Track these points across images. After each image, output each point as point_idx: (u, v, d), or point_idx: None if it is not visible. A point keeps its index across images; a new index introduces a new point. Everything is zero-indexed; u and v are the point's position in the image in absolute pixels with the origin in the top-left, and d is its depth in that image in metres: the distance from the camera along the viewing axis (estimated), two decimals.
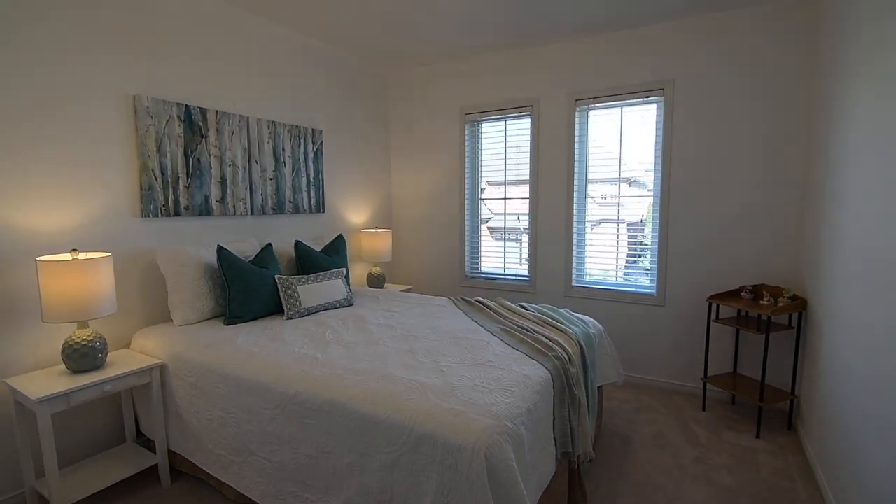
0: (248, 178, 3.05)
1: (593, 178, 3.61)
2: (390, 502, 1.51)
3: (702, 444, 2.65)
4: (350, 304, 2.97)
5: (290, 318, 2.64)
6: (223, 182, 2.89)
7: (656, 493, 2.21)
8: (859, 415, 1.79)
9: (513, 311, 2.68)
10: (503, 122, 3.92)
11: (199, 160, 2.75)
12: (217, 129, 2.84)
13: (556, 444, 1.80)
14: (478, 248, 4.19)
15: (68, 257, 2.04)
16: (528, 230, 3.84)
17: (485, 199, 4.15)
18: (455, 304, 2.94)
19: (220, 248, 2.56)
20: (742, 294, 2.98)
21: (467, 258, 4.17)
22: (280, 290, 2.70)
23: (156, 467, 2.32)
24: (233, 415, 1.95)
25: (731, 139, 3.06)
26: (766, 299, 2.84)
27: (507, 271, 4.06)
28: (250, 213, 3.08)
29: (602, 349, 2.53)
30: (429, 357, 1.98)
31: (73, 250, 2.03)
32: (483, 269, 4.18)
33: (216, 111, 2.83)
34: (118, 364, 2.16)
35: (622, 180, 3.50)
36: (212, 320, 2.59)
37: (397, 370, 1.82)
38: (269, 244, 2.87)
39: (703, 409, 3.09)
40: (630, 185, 3.51)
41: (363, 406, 1.59)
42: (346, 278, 3.12)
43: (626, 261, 3.62)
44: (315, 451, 1.68)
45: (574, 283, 3.69)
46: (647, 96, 3.29)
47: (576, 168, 3.59)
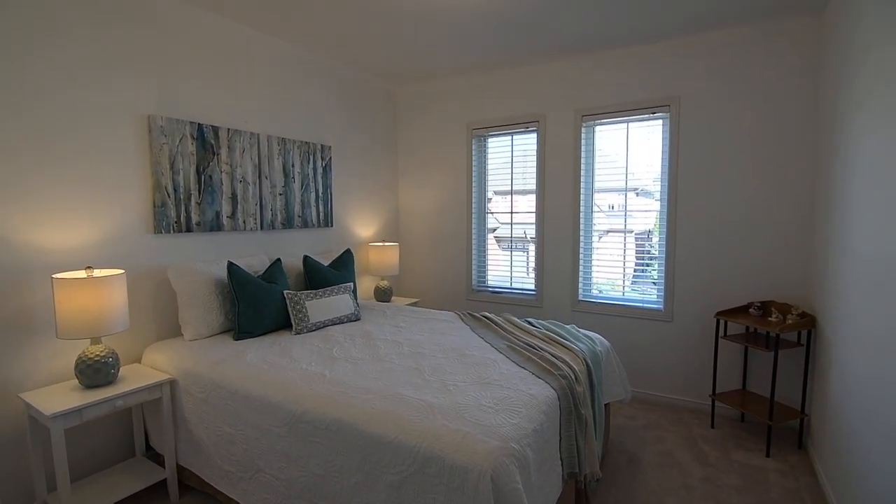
0: (258, 194, 3.10)
1: (600, 187, 3.63)
2: None
3: (710, 464, 2.62)
4: (357, 319, 2.99)
5: (299, 332, 2.67)
6: (234, 198, 2.94)
7: None
8: (871, 435, 1.78)
9: (519, 328, 2.69)
10: (510, 137, 3.96)
11: (210, 177, 2.80)
12: (229, 147, 2.90)
13: (562, 464, 1.79)
14: (484, 262, 4.20)
15: (83, 274, 2.08)
16: (535, 241, 3.86)
17: (491, 212, 4.17)
18: (462, 319, 2.95)
19: (230, 264, 2.60)
20: (750, 310, 2.97)
21: (474, 272, 4.19)
22: (288, 305, 2.73)
23: (164, 482, 2.34)
24: (241, 431, 1.97)
25: (738, 155, 3.07)
26: (774, 316, 2.83)
27: (514, 285, 4.07)
28: (260, 228, 3.13)
29: (609, 366, 2.53)
30: (435, 375, 2.00)
31: (88, 267, 2.07)
32: (490, 282, 4.20)
33: (228, 129, 2.89)
34: (130, 379, 2.19)
35: (629, 190, 3.51)
36: (222, 335, 2.62)
37: (404, 389, 1.83)
38: (279, 259, 2.91)
39: (712, 426, 3.06)
40: (637, 194, 3.52)
41: (371, 426, 1.60)
42: (354, 293, 3.15)
43: (634, 271, 3.62)
44: (323, 470, 1.70)
45: (581, 297, 3.69)
46: (654, 112, 3.31)
47: (582, 182, 3.61)
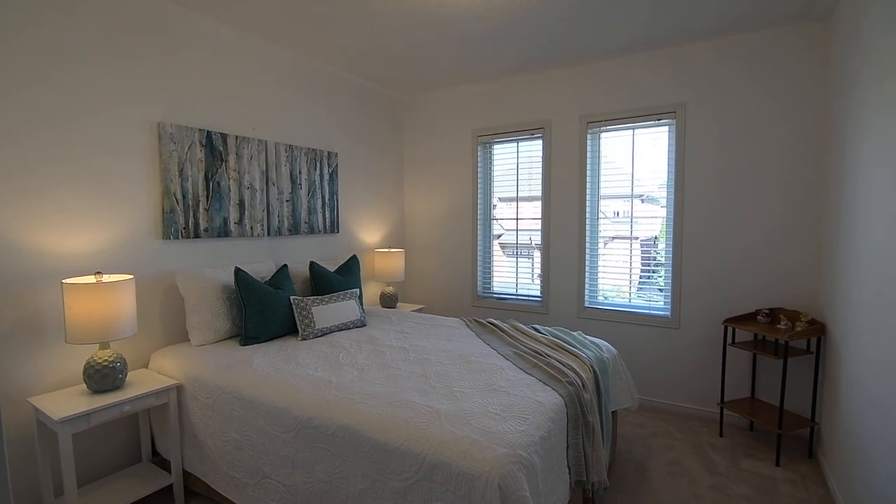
0: (265, 201, 3.12)
1: (605, 194, 3.63)
2: None
3: (719, 473, 2.59)
4: (363, 325, 3.00)
5: (305, 338, 2.67)
6: (241, 204, 2.96)
7: None
8: (882, 445, 1.75)
9: (525, 334, 2.68)
10: (515, 144, 3.97)
11: (218, 183, 2.82)
12: (237, 154, 2.93)
13: (570, 472, 1.78)
14: (490, 268, 4.20)
15: (92, 280, 2.10)
16: (541, 248, 3.85)
17: (497, 218, 4.17)
18: (467, 326, 2.95)
19: (238, 270, 2.61)
20: (758, 318, 2.94)
21: (479, 278, 4.19)
22: (295, 311, 2.74)
23: (171, 487, 2.34)
24: (248, 437, 1.97)
25: (745, 161, 3.06)
26: (783, 323, 2.80)
27: (520, 291, 4.06)
28: (267, 234, 3.14)
29: (616, 373, 2.52)
30: (442, 381, 1.99)
31: (98, 273, 2.09)
32: (495, 288, 4.19)
33: (236, 136, 2.91)
34: (137, 384, 2.20)
35: (634, 196, 3.50)
36: (228, 340, 2.63)
37: (411, 395, 1.83)
38: (285, 265, 2.93)
39: (721, 434, 3.03)
40: (643, 201, 3.51)
41: (377, 433, 1.60)
42: (360, 299, 3.15)
43: (640, 278, 3.60)
44: (329, 476, 1.69)
45: (587, 304, 3.68)
46: (659, 119, 3.31)
47: (588, 188, 3.61)
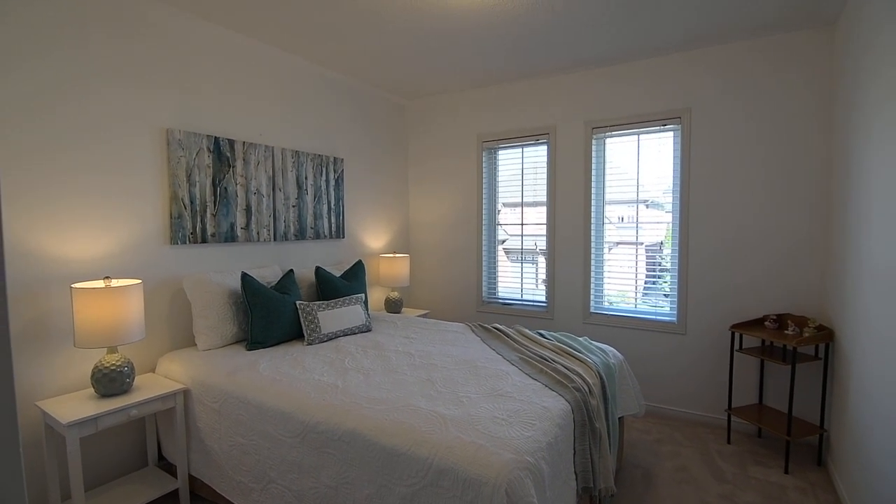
0: (271, 206, 3.14)
1: (610, 198, 3.63)
2: None
3: (727, 480, 2.57)
4: (369, 330, 3.00)
5: (311, 343, 2.68)
6: (248, 210, 2.98)
7: None
8: (892, 451, 1.73)
9: (531, 339, 2.67)
10: (520, 150, 3.98)
11: (226, 189, 2.85)
12: (244, 160, 2.95)
13: (577, 479, 1.77)
14: (495, 273, 4.20)
15: (101, 284, 2.12)
16: (546, 254, 3.85)
17: (501, 223, 4.18)
18: (472, 331, 2.94)
19: (244, 275, 2.63)
20: (766, 323, 2.92)
21: (484, 283, 4.18)
22: (301, 316, 2.75)
23: (177, 492, 2.34)
24: (254, 442, 1.97)
25: (751, 167, 3.05)
26: (790, 329, 2.79)
27: (525, 297, 4.06)
28: (273, 239, 3.16)
29: (622, 379, 2.50)
30: (447, 387, 1.99)
31: (107, 278, 2.11)
32: (500, 294, 4.19)
33: (243, 142, 2.94)
34: (144, 389, 2.21)
35: (640, 202, 3.50)
36: (235, 345, 2.64)
37: (417, 400, 1.83)
38: (291, 270, 2.94)
39: (728, 441, 3.00)
40: (647, 206, 3.51)
41: (383, 438, 1.60)
42: (365, 304, 3.16)
43: (646, 284, 3.59)
44: (335, 482, 1.69)
45: (593, 309, 3.67)
46: (664, 125, 3.32)
47: (593, 194, 3.61)
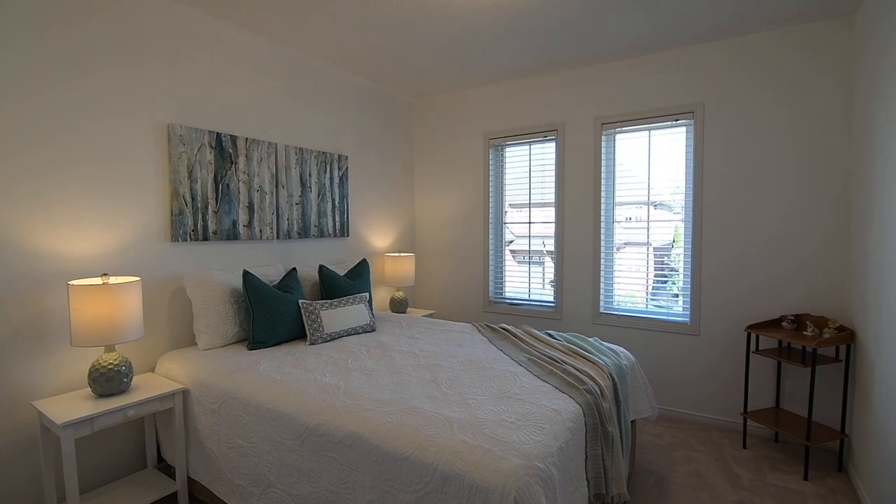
0: (275, 204, 3.09)
1: (620, 195, 3.54)
2: None
3: (744, 487, 2.47)
4: (373, 330, 2.93)
5: (314, 343, 2.62)
6: (251, 207, 2.93)
7: None
8: None
9: (539, 340, 2.59)
10: (528, 147, 3.90)
11: (228, 186, 2.80)
12: (246, 156, 2.90)
13: (588, 485, 1.69)
14: (502, 273, 4.12)
15: (99, 281, 2.07)
16: (554, 255, 3.77)
17: (508, 223, 4.10)
18: (479, 331, 2.87)
19: (246, 273, 2.57)
20: (783, 324, 2.82)
21: (491, 283, 4.11)
22: (304, 315, 2.69)
23: (175, 495, 2.28)
24: (253, 444, 1.91)
25: (766, 162, 2.95)
26: (809, 330, 2.69)
27: (532, 296, 3.97)
28: (276, 237, 3.11)
29: (635, 381, 2.42)
30: (453, 388, 1.92)
31: (104, 275, 2.06)
32: (507, 294, 4.11)
33: (246, 138, 2.89)
34: (142, 388, 2.16)
35: (651, 202, 3.41)
36: (236, 345, 2.59)
37: (421, 402, 1.76)
38: (294, 269, 2.88)
39: (744, 446, 2.90)
40: (655, 207, 3.43)
41: (386, 441, 1.53)
42: (369, 303, 3.09)
43: (654, 284, 3.50)
44: (336, 487, 1.62)
45: (602, 309, 3.58)
46: (676, 119, 3.23)
47: (602, 190, 3.52)
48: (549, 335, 2.70)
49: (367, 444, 1.56)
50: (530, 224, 3.94)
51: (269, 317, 2.57)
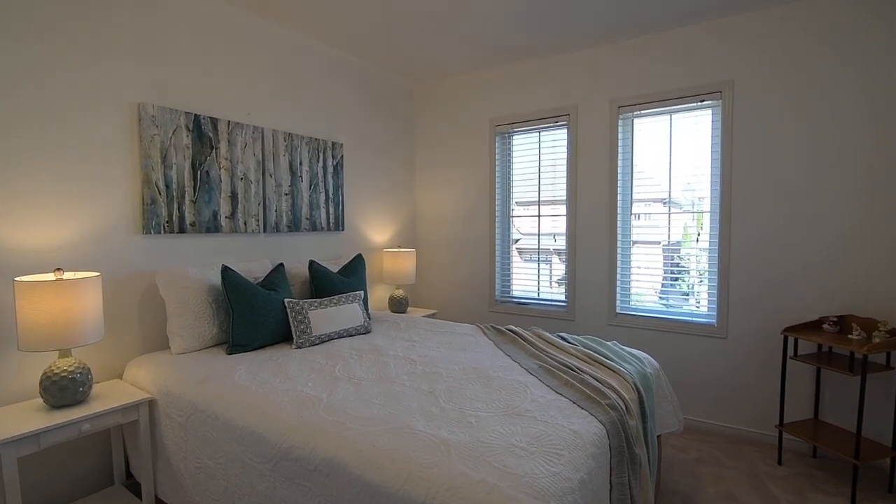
0: (261, 193, 2.83)
1: (638, 187, 3.26)
2: None
3: None
4: (367, 332, 2.67)
5: (300, 346, 2.36)
6: (234, 197, 2.68)
7: None
8: None
9: (552, 344, 2.32)
10: (537, 134, 3.61)
11: (208, 173, 2.54)
12: (229, 141, 2.64)
13: None
14: (509, 270, 3.84)
15: (52, 277, 1.82)
16: (566, 251, 3.48)
17: (515, 218, 3.81)
18: (484, 334, 2.60)
19: (225, 269, 2.32)
20: (824, 326, 2.52)
21: (497, 281, 3.83)
22: (289, 315, 2.43)
23: None
24: (222, 465, 1.65)
25: (809, 147, 2.64)
26: (856, 333, 2.39)
27: (542, 295, 3.69)
28: (263, 230, 2.85)
29: (660, 391, 2.13)
30: (453, 402, 1.64)
31: (58, 269, 1.81)
32: (515, 292, 3.82)
33: (228, 122, 2.63)
34: (103, 398, 1.91)
35: (658, 200, 3.15)
36: (214, 348, 2.34)
37: (414, 420, 1.49)
38: (281, 264, 2.62)
39: (779, 462, 2.61)
40: (664, 204, 3.15)
41: (369, 471, 1.26)
42: (364, 302, 2.83)
43: (664, 283, 3.23)
44: None
45: (619, 310, 3.28)
46: (702, 100, 2.92)
47: (619, 181, 3.23)
48: (562, 338, 2.42)
49: (347, 473, 1.29)
50: (539, 217, 3.65)
51: (251, 317, 2.31)
